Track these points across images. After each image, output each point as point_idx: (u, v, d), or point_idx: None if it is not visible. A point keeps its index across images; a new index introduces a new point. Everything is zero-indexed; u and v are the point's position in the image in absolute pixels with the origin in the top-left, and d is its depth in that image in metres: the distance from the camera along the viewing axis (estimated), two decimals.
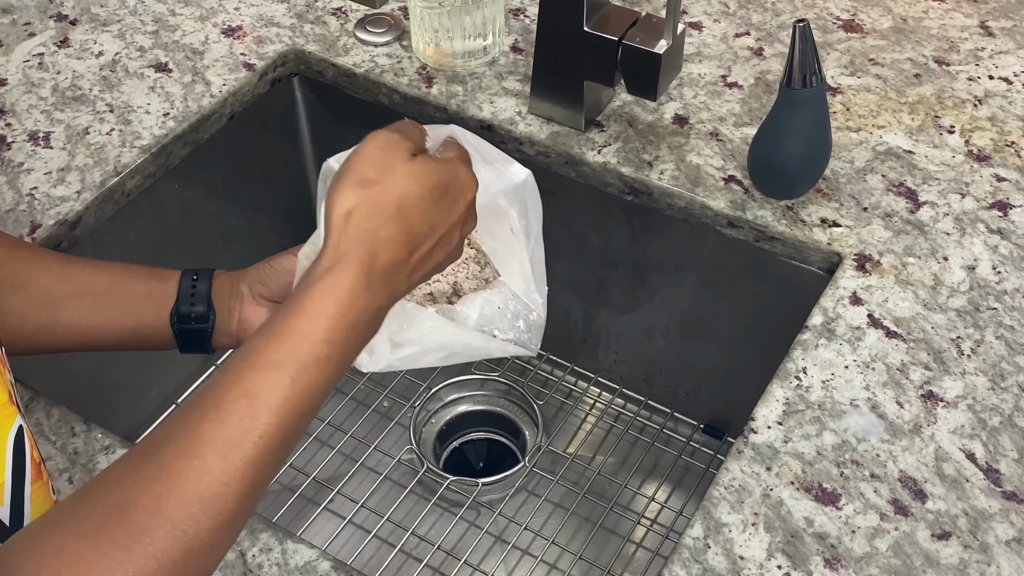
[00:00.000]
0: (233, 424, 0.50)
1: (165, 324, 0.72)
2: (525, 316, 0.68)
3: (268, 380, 0.51)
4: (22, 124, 1.01)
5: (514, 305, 0.68)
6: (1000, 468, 0.74)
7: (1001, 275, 0.87)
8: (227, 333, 0.73)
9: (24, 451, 0.56)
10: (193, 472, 0.48)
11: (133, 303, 0.72)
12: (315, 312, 0.54)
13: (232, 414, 0.50)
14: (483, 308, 0.67)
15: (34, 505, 0.56)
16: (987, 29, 1.12)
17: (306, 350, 0.53)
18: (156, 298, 0.72)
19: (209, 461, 0.48)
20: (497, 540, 1.05)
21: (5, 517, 0.54)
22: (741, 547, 0.70)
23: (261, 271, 0.72)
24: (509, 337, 0.68)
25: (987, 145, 0.98)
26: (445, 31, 1.03)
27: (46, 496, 0.59)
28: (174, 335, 0.72)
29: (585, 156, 0.98)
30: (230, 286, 0.73)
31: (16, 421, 0.56)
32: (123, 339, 0.72)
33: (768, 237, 0.92)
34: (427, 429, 1.15)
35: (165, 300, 0.72)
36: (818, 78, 0.85)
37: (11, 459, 0.55)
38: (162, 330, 0.72)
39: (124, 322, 0.72)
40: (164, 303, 0.72)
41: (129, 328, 0.72)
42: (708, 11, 1.14)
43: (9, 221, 0.91)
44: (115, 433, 0.79)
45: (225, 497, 0.49)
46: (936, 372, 0.80)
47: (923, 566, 0.69)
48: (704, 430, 1.14)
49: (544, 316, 0.70)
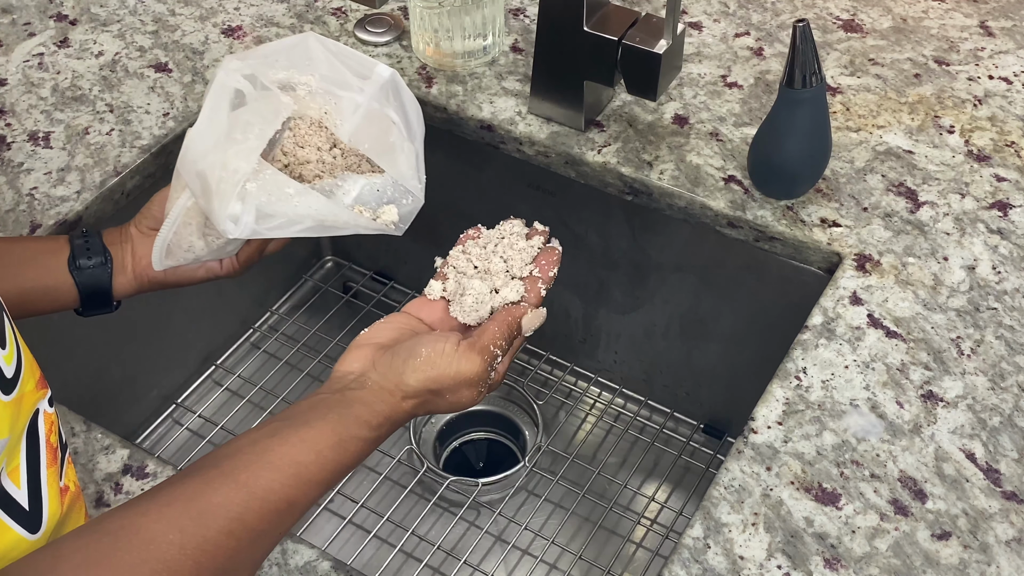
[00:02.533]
0: (269, 517, 0.56)
1: (65, 274, 0.76)
2: (400, 201, 0.73)
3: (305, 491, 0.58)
4: (22, 124, 1.01)
5: (392, 191, 0.73)
6: (1000, 468, 0.74)
7: (1001, 275, 0.87)
8: (124, 272, 0.78)
9: (38, 435, 0.56)
10: (233, 551, 0.54)
11: (31, 257, 0.76)
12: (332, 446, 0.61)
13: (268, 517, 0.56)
14: (363, 188, 0.72)
15: (50, 491, 0.57)
16: (987, 29, 1.12)
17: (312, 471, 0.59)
18: (53, 251, 0.77)
19: (244, 545, 0.54)
20: (497, 540, 1.05)
21: (24, 501, 0.55)
22: (741, 547, 0.70)
23: (145, 209, 0.79)
24: (384, 218, 0.72)
25: (987, 145, 0.98)
26: (445, 31, 1.03)
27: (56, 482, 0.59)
28: (75, 285, 0.76)
29: (585, 156, 0.98)
30: (119, 233, 0.79)
31: (36, 405, 0.57)
32: (27, 294, 0.75)
33: (768, 237, 0.92)
34: (427, 429, 1.15)
35: (61, 254, 0.76)
36: (818, 78, 0.85)
37: (25, 443, 0.55)
38: (63, 281, 0.76)
39: (26, 275, 0.75)
40: (61, 256, 0.76)
41: (31, 280, 0.75)
42: (708, 11, 1.14)
43: (9, 221, 0.92)
44: (115, 433, 0.79)
45: (246, 573, 0.56)
46: (936, 372, 0.80)
47: (923, 566, 0.69)
48: (704, 430, 1.14)
49: (421, 200, 0.74)
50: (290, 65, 0.74)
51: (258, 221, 0.68)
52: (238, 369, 1.19)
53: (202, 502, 0.54)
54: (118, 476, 0.76)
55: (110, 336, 1.03)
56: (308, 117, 0.74)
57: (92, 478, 0.76)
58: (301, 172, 0.74)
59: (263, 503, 0.56)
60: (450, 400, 0.66)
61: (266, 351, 1.21)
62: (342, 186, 0.72)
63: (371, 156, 0.74)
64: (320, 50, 0.74)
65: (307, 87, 0.74)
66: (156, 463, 0.77)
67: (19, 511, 0.54)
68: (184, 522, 0.52)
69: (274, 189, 0.68)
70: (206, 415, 1.14)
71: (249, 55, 0.73)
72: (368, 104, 0.74)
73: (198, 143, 0.69)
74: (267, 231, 0.69)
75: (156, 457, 0.78)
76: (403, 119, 0.74)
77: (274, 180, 0.69)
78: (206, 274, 0.80)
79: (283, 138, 0.73)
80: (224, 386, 1.17)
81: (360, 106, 0.74)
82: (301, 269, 1.29)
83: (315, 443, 0.59)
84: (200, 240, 0.76)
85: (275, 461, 0.57)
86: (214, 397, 1.16)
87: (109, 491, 0.75)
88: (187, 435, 1.13)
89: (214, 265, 0.80)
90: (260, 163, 0.69)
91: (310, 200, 0.69)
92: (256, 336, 1.23)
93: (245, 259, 0.81)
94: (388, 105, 0.74)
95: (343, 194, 0.72)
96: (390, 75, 0.74)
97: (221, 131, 0.69)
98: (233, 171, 0.68)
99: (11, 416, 0.53)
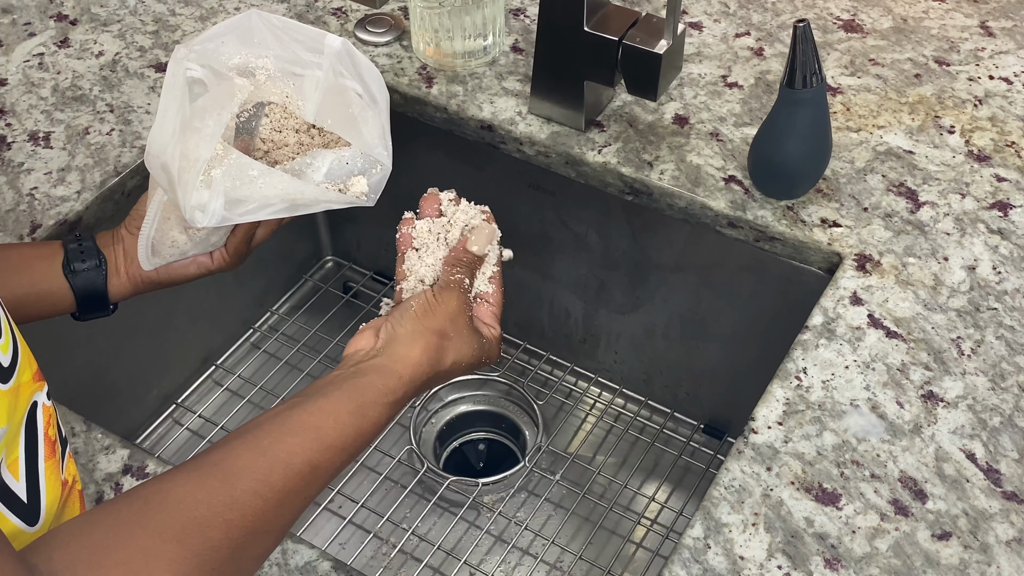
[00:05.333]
0: (294, 480, 0.58)
1: (60, 278, 0.76)
2: (369, 171, 0.73)
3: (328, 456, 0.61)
4: (22, 124, 1.01)
5: (361, 162, 0.72)
6: (1000, 468, 0.74)
7: (1001, 275, 0.87)
8: (118, 274, 0.78)
9: (36, 427, 0.57)
10: (260, 511, 0.56)
11: (25, 263, 0.77)
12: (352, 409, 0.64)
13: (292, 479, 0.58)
14: (332, 163, 0.71)
15: (48, 484, 0.57)
16: (987, 29, 1.12)
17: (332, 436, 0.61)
18: (47, 256, 0.77)
19: (271, 507, 0.56)
20: (497, 540, 1.05)
21: (23, 493, 0.55)
22: (741, 547, 0.70)
23: (133, 210, 0.79)
24: (353, 190, 0.72)
25: (987, 145, 0.98)
26: (445, 31, 1.03)
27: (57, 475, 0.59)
28: (71, 290, 0.76)
29: (585, 156, 0.98)
30: (111, 235, 0.79)
31: (34, 397, 0.57)
32: (22, 300, 0.75)
33: (768, 237, 0.92)
34: (427, 429, 1.15)
35: (55, 259, 0.77)
36: (818, 78, 0.85)
37: (23, 435, 0.55)
38: (59, 286, 0.76)
39: (20, 281, 0.75)
40: (55, 261, 0.77)
41: (26, 286, 0.76)
42: (708, 11, 1.14)
43: (9, 221, 0.92)
44: (115, 433, 0.79)
45: (274, 537, 0.58)
46: (936, 372, 0.80)
47: (923, 566, 0.69)
48: (704, 430, 1.14)
49: (389, 168, 0.74)
50: (240, 46, 0.73)
51: (227, 207, 0.68)
52: (238, 369, 1.19)
53: (227, 465, 0.56)
54: (118, 476, 0.76)
55: (110, 336, 1.03)
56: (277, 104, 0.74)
57: (92, 478, 0.76)
58: (280, 157, 0.73)
59: (286, 466, 0.58)
60: (458, 345, 0.70)
61: (266, 351, 1.21)
62: (312, 163, 0.72)
63: (335, 131, 0.73)
64: (266, 29, 0.73)
65: (266, 71, 0.73)
66: (156, 463, 0.77)
67: (18, 503, 0.55)
68: (212, 483, 0.55)
69: (239, 173, 0.68)
70: (206, 415, 1.14)
71: (196, 41, 0.71)
72: (327, 80, 0.73)
73: (159, 136, 0.68)
74: (238, 217, 0.68)
75: (156, 457, 0.78)
76: (363, 88, 0.74)
77: (238, 164, 0.68)
78: (198, 270, 0.80)
79: (260, 125, 0.73)
80: (224, 386, 1.17)
81: (320, 83, 0.73)
82: (301, 269, 1.29)
83: (333, 410, 0.62)
84: (182, 235, 0.75)
85: (295, 427, 0.60)
86: (214, 397, 1.16)
87: (109, 491, 0.75)
88: (187, 435, 1.13)
89: (205, 260, 0.79)
90: (225, 148, 0.68)
91: (275, 180, 0.68)
92: (256, 336, 1.23)
93: (234, 250, 0.80)
94: (346, 76, 0.74)
95: (314, 171, 0.71)
96: (341, 44, 0.73)
97: (179, 122, 0.68)
98: (194, 160, 0.67)
99: (9, 405, 0.53)
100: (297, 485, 0.58)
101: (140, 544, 0.50)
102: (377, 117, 0.73)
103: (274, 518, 0.57)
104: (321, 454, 0.60)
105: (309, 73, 0.73)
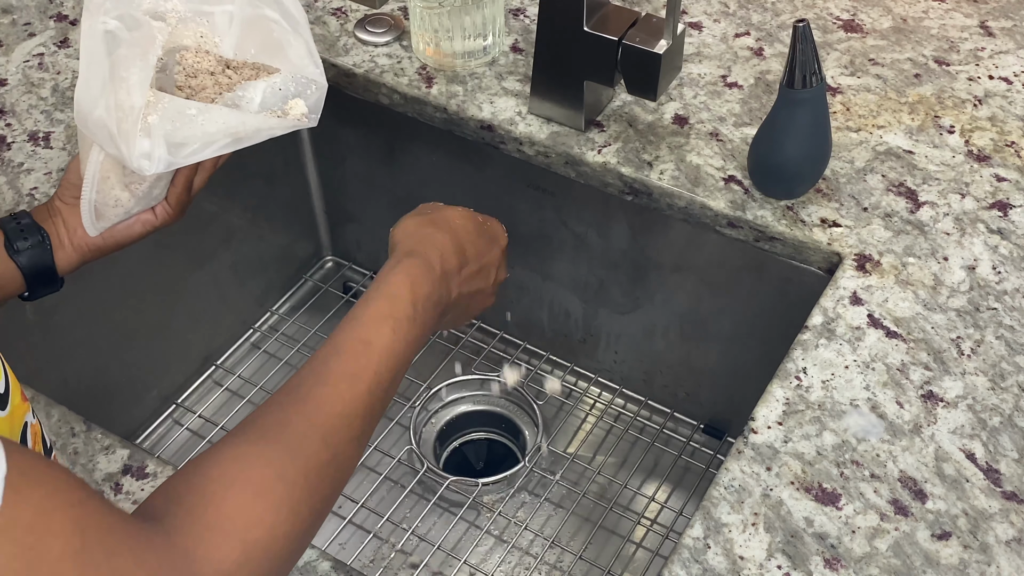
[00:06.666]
0: (354, 362, 0.63)
1: (5, 260, 0.75)
2: (305, 92, 0.73)
3: (375, 331, 0.65)
4: (22, 124, 1.01)
5: (294, 86, 0.73)
6: (1000, 468, 0.74)
7: (1001, 275, 0.87)
8: (62, 247, 0.77)
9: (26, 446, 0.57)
10: (330, 396, 0.60)
11: None
12: (399, 285, 0.68)
13: (352, 355, 0.63)
14: (265, 92, 0.71)
15: None
16: (987, 29, 1.12)
17: (400, 308, 0.67)
18: None
19: (341, 388, 0.61)
20: (497, 540, 1.05)
21: None
22: (741, 547, 0.70)
23: (64, 180, 0.78)
24: (293, 113, 0.72)
25: (987, 145, 0.98)
26: (445, 31, 1.03)
27: None
28: (18, 269, 0.75)
29: (585, 156, 0.98)
30: (46, 209, 0.78)
31: (24, 419, 0.57)
32: None
33: (768, 237, 0.92)
34: (427, 429, 1.15)
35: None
36: (818, 78, 0.85)
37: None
38: (6, 269, 0.75)
39: None
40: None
41: None
42: (708, 11, 1.14)
43: None
44: (115, 433, 0.79)
45: (354, 417, 0.61)
46: (936, 372, 0.80)
47: (923, 566, 0.69)
48: (704, 430, 1.14)
49: (324, 84, 0.74)
50: None
51: (171, 152, 0.67)
52: (238, 369, 1.19)
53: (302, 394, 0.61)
54: (118, 476, 0.76)
55: (110, 336, 1.03)
56: (190, 46, 0.73)
57: (92, 478, 0.76)
58: (202, 100, 0.72)
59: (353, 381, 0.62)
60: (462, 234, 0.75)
61: (266, 351, 1.21)
62: (244, 96, 0.71)
63: (262, 60, 0.73)
64: None
65: (176, 13, 0.72)
66: (156, 463, 0.77)
67: None
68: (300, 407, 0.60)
69: (176, 116, 0.67)
70: (206, 415, 1.14)
71: None
72: (241, 12, 0.73)
73: (86, 93, 0.67)
74: (184, 159, 0.67)
75: (156, 457, 0.78)
76: (281, 13, 0.73)
77: (174, 106, 0.67)
78: (143, 228, 0.78)
79: (174, 74, 0.72)
80: (224, 386, 1.17)
81: (234, 16, 0.73)
82: (301, 269, 1.29)
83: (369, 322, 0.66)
84: (124, 192, 0.74)
85: (334, 342, 0.64)
86: (214, 397, 1.16)
87: (109, 491, 0.75)
88: (187, 435, 1.13)
89: (148, 216, 0.78)
90: (155, 94, 0.67)
91: (215, 115, 0.68)
92: (256, 336, 1.23)
93: (176, 201, 0.78)
94: (261, 5, 0.73)
95: (247, 104, 0.71)
96: None
97: (105, 75, 0.67)
98: (129, 108, 0.66)
99: (8, 431, 0.54)
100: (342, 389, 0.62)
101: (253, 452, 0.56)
102: (300, 37, 0.73)
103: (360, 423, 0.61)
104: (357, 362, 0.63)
105: (220, 9, 0.73)
